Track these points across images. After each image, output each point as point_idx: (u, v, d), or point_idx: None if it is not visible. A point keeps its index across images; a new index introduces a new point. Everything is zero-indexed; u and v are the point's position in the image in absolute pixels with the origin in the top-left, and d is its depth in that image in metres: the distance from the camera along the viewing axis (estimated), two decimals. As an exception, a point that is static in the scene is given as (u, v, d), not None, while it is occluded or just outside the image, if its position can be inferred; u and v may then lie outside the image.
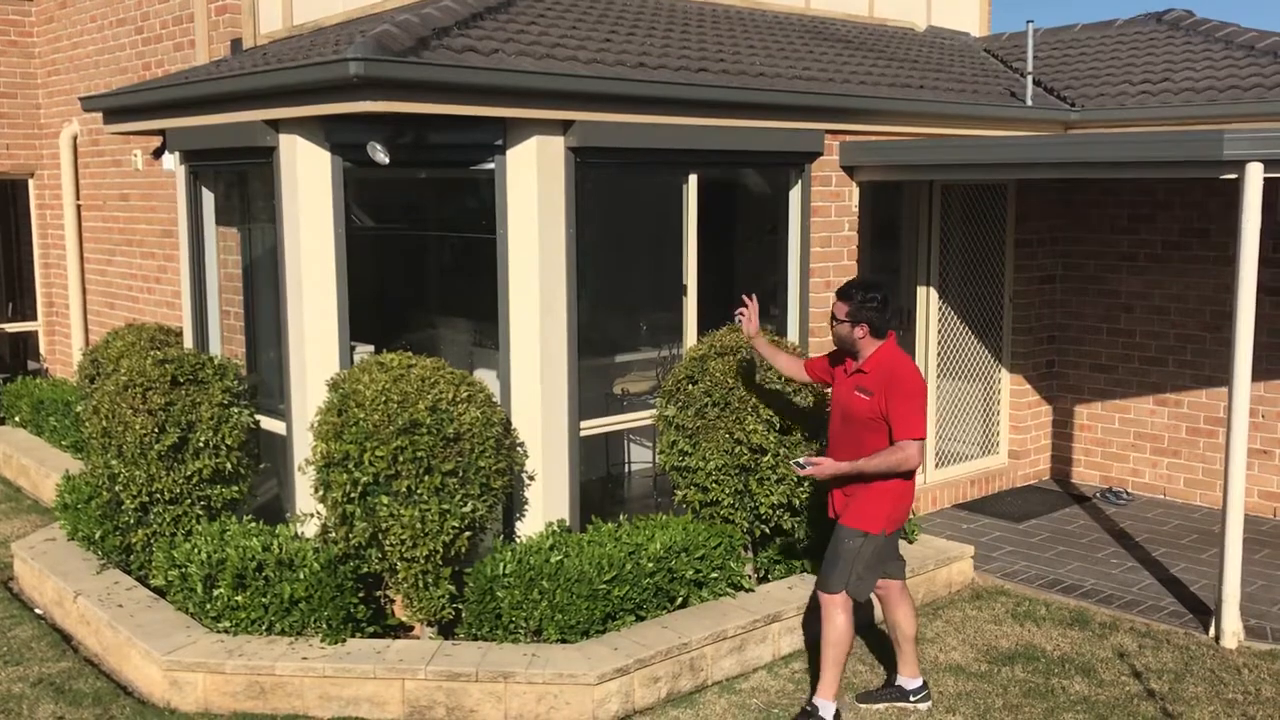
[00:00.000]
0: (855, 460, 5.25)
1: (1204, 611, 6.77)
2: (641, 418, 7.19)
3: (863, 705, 5.73)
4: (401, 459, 5.61)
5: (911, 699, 5.71)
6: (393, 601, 6.25)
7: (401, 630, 6.20)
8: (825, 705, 5.42)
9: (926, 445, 9.07)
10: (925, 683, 5.76)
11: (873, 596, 5.57)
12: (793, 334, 7.76)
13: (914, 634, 5.69)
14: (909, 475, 5.33)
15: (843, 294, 5.36)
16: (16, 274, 12.70)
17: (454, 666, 5.52)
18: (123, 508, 6.60)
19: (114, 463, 6.50)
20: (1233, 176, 6.33)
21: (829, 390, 6.13)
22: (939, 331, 8.97)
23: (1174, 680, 6.00)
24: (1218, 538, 6.65)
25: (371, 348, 7.02)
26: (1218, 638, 6.44)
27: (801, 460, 5.29)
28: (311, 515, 6.29)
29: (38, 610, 7.07)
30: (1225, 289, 8.66)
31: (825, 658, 5.40)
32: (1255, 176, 6.22)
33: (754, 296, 5.93)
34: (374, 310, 7.92)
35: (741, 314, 5.89)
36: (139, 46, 10.24)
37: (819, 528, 6.96)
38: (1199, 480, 9.08)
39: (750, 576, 6.61)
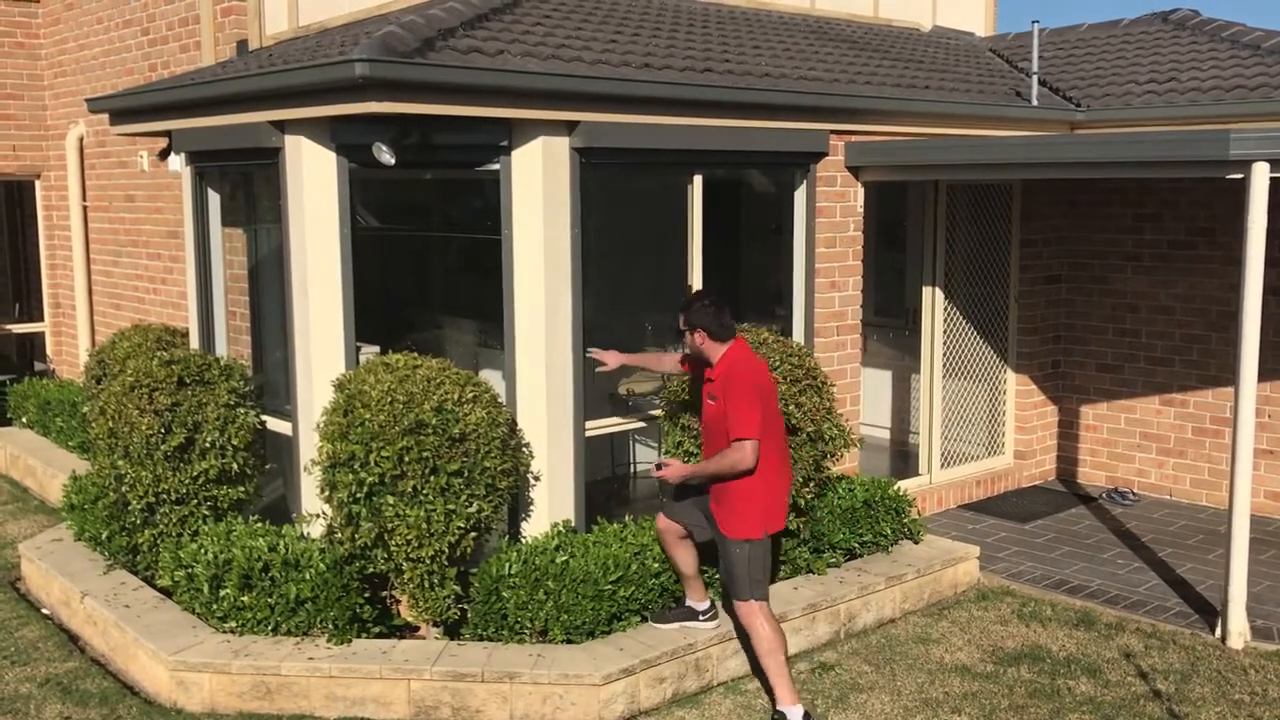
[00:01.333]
0: (698, 465, 5.54)
1: (1210, 612, 6.76)
2: (647, 418, 7.19)
3: (657, 625, 5.99)
4: (407, 459, 5.62)
5: (700, 618, 6.00)
6: (398, 602, 6.26)
7: (407, 630, 6.21)
8: (792, 711, 5.44)
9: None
10: (713, 603, 6.04)
11: (662, 535, 5.93)
12: (798, 334, 7.75)
13: (695, 570, 5.95)
14: (753, 473, 5.39)
15: (681, 308, 5.65)
16: (23, 275, 12.73)
17: (459, 667, 5.53)
18: (129, 508, 6.62)
19: (120, 463, 6.51)
20: (1239, 176, 6.32)
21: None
22: (945, 331, 8.96)
23: (1180, 681, 5.99)
24: (1224, 538, 6.64)
25: (377, 348, 7.03)
26: (1224, 638, 6.43)
27: (660, 461, 5.66)
28: (317, 516, 6.30)
29: (45, 610, 7.08)
30: (1231, 289, 8.64)
31: (768, 668, 5.47)
32: (1261, 176, 6.21)
33: (591, 350, 6.33)
34: (379, 311, 7.93)
35: (594, 354, 6.25)
36: (145, 48, 10.26)
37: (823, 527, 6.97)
38: (1205, 480, 9.07)
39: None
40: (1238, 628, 6.40)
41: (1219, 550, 7.76)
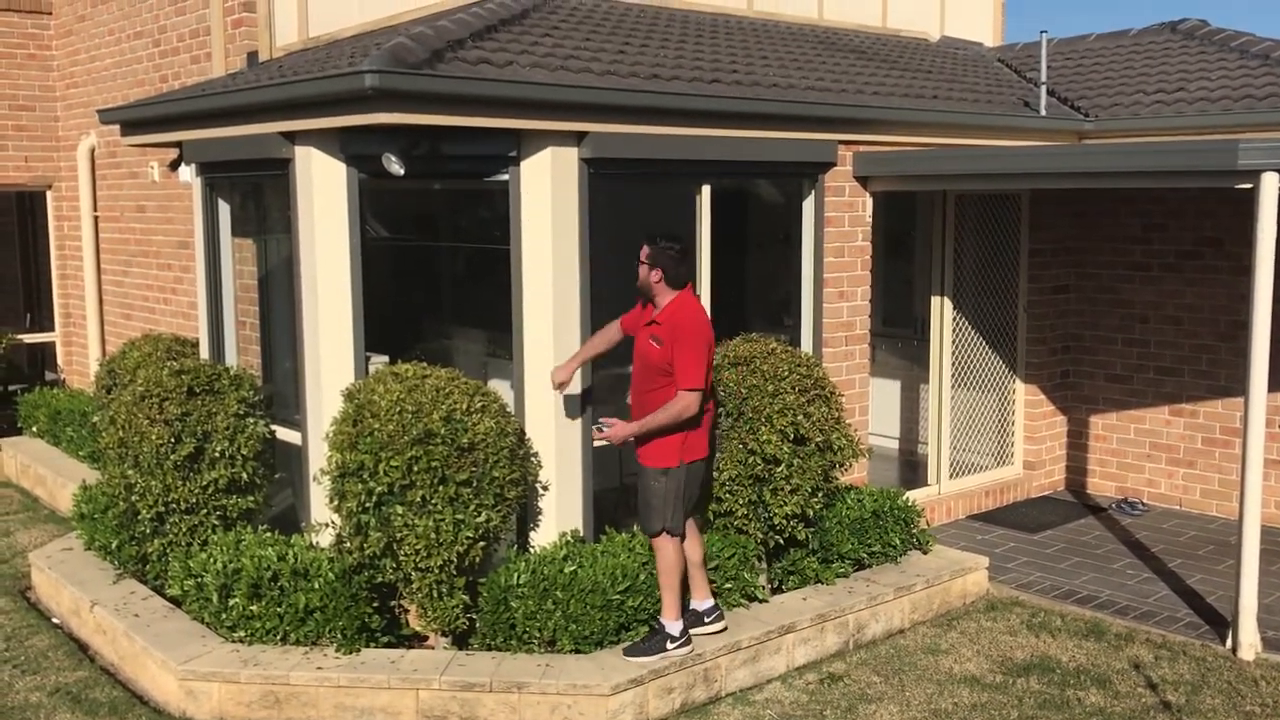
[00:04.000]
0: (643, 420, 5.69)
1: (1221, 623, 6.74)
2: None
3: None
4: (416, 469, 5.63)
5: (705, 620, 6.01)
6: (407, 611, 6.26)
7: (416, 640, 6.21)
8: (671, 624, 5.79)
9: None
10: (716, 603, 6.07)
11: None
12: (806, 344, 7.76)
13: (701, 560, 6.02)
14: (695, 424, 5.73)
15: (648, 239, 5.79)
16: (34, 285, 12.79)
17: (468, 676, 5.53)
18: (139, 517, 6.63)
19: (130, 473, 6.53)
20: (1247, 186, 6.31)
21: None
22: (953, 342, 8.95)
23: (1190, 692, 5.97)
24: (1234, 549, 6.62)
25: (386, 358, 7.04)
26: (1235, 649, 6.41)
27: (600, 423, 5.81)
28: (326, 525, 6.31)
29: (55, 619, 7.10)
30: (1240, 298, 8.63)
31: (662, 585, 5.80)
32: (1270, 186, 6.20)
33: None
34: (388, 321, 7.94)
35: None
36: (156, 59, 10.32)
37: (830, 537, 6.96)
38: (1215, 491, 9.04)
39: (764, 587, 6.60)
40: (1248, 639, 6.38)
41: (1229, 561, 7.74)
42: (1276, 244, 6.31)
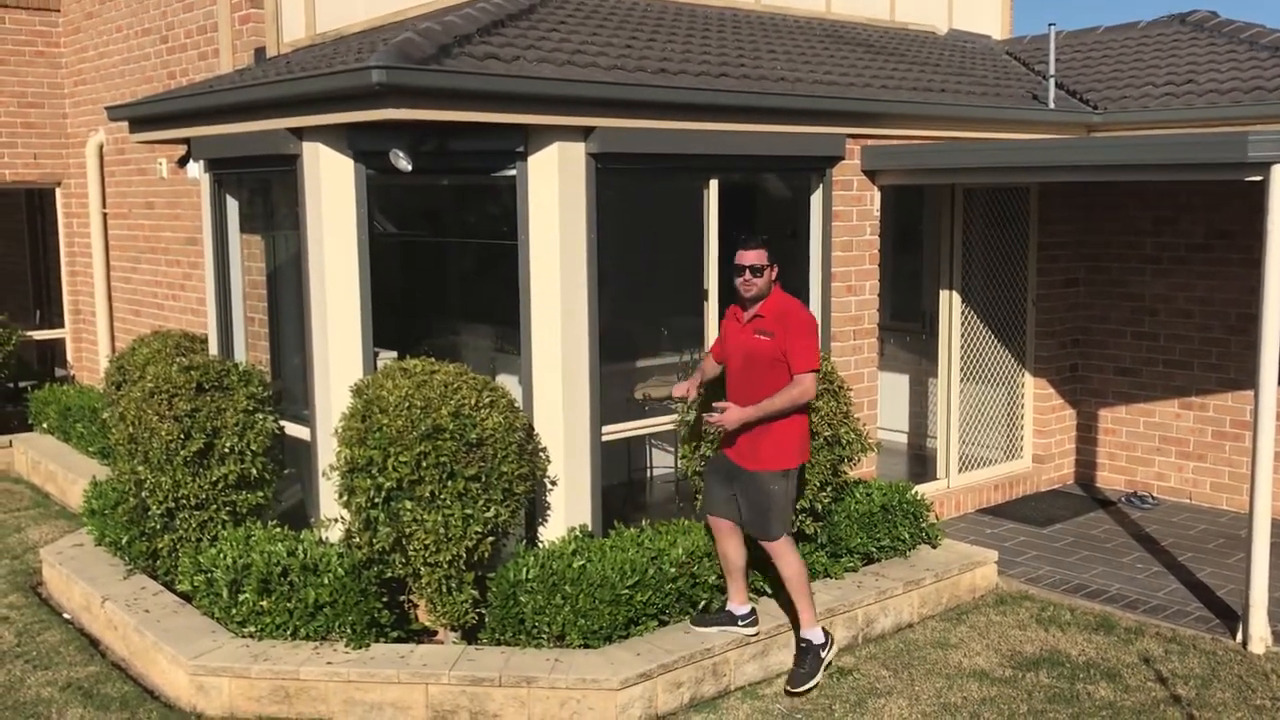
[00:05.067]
0: (759, 404, 5.62)
1: (1231, 617, 6.72)
2: (663, 423, 7.19)
3: (696, 628, 6.01)
4: (425, 464, 5.64)
5: (740, 624, 6.01)
6: (416, 606, 6.27)
7: (425, 635, 6.23)
8: (814, 633, 5.92)
9: (946, 438, 9.06)
10: (753, 610, 6.07)
11: (714, 528, 6.01)
12: (814, 338, 7.74)
13: (743, 564, 6.00)
14: (805, 410, 5.79)
15: (750, 244, 5.74)
16: (44, 282, 12.82)
17: (477, 671, 5.54)
18: (149, 513, 6.65)
19: (140, 468, 6.55)
20: (1258, 179, 6.29)
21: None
22: (962, 335, 8.94)
23: (1201, 686, 5.96)
24: (1244, 542, 6.61)
25: (394, 353, 7.05)
26: (1245, 643, 6.39)
27: (714, 406, 5.71)
28: (336, 520, 6.32)
29: (66, 615, 7.13)
30: (1250, 291, 8.60)
31: (795, 593, 5.87)
32: (1280, 178, 6.18)
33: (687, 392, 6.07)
34: (397, 316, 7.96)
35: (675, 392, 6.07)
36: (164, 56, 10.33)
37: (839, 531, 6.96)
38: (1225, 484, 9.01)
39: (772, 582, 6.59)
40: (1259, 632, 6.36)
41: (1239, 554, 7.71)
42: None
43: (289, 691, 5.61)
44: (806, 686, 5.82)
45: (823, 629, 6.00)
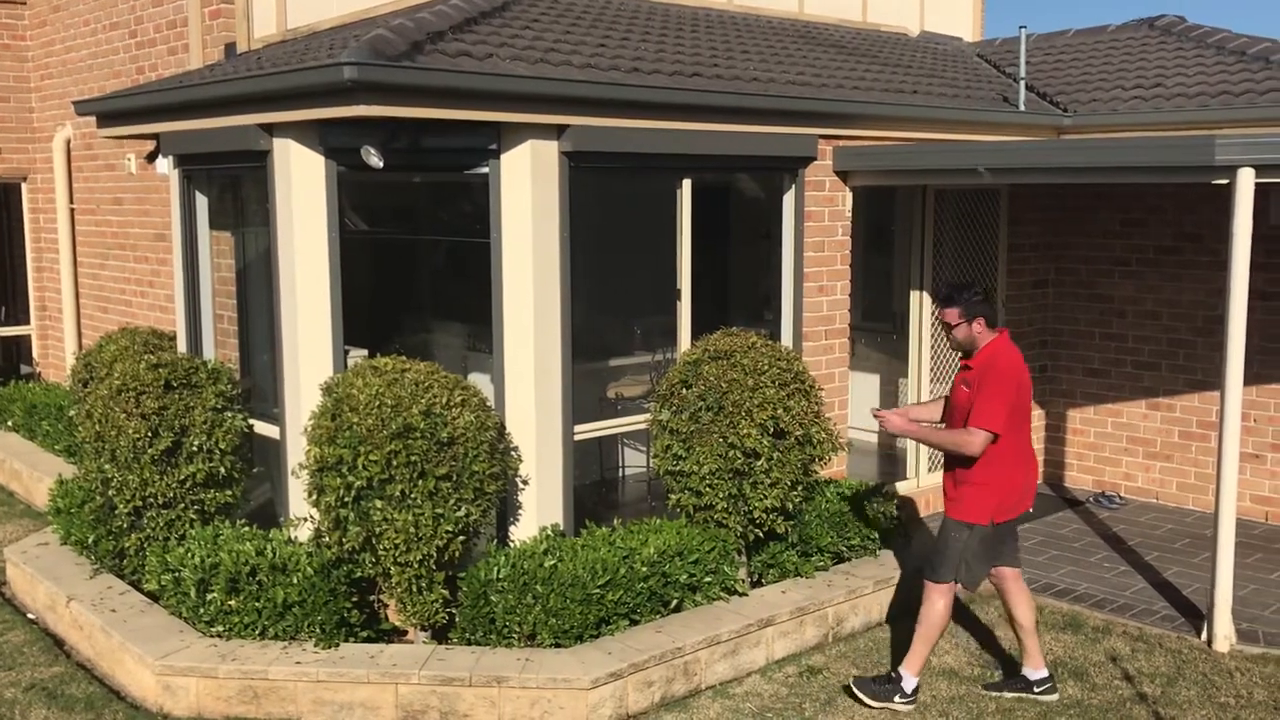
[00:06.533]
0: (924, 431, 5.73)
1: (1196, 615, 6.79)
2: (635, 422, 7.20)
3: (989, 694, 5.89)
4: (395, 463, 5.61)
5: (1035, 690, 5.84)
6: (386, 606, 6.25)
7: (395, 635, 6.20)
8: (909, 677, 5.74)
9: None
10: (1050, 675, 5.87)
11: (1002, 583, 5.83)
12: (786, 338, 7.77)
13: (1031, 625, 5.83)
14: (974, 461, 5.51)
15: (946, 300, 5.63)
16: (10, 278, 12.68)
17: (447, 671, 5.52)
18: (116, 512, 6.59)
19: (107, 467, 6.49)
20: (1224, 182, 6.35)
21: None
22: (932, 336, 8.98)
23: (1166, 684, 6.02)
24: (1210, 542, 6.67)
25: (365, 352, 7.02)
26: (1210, 641, 6.46)
27: (878, 408, 5.79)
28: (305, 520, 6.28)
29: (30, 615, 7.05)
30: (1217, 294, 8.69)
31: (918, 635, 5.73)
32: (1247, 182, 6.25)
33: (876, 410, 5.95)
34: (367, 314, 7.92)
35: (878, 415, 5.90)
36: (132, 50, 10.24)
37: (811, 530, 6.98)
38: (1191, 484, 9.10)
39: (744, 580, 6.61)
40: (1224, 631, 6.43)
41: (1205, 554, 7.79)
42: (1253, 239, 6.35)
43: (257, 691, 5.57)
44: (863, 694, 5.74)
45: (917, 686, 5.75)
